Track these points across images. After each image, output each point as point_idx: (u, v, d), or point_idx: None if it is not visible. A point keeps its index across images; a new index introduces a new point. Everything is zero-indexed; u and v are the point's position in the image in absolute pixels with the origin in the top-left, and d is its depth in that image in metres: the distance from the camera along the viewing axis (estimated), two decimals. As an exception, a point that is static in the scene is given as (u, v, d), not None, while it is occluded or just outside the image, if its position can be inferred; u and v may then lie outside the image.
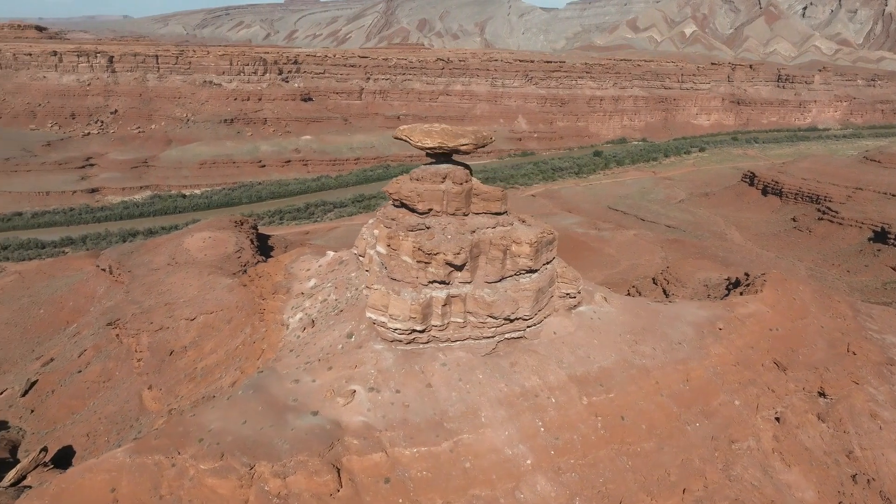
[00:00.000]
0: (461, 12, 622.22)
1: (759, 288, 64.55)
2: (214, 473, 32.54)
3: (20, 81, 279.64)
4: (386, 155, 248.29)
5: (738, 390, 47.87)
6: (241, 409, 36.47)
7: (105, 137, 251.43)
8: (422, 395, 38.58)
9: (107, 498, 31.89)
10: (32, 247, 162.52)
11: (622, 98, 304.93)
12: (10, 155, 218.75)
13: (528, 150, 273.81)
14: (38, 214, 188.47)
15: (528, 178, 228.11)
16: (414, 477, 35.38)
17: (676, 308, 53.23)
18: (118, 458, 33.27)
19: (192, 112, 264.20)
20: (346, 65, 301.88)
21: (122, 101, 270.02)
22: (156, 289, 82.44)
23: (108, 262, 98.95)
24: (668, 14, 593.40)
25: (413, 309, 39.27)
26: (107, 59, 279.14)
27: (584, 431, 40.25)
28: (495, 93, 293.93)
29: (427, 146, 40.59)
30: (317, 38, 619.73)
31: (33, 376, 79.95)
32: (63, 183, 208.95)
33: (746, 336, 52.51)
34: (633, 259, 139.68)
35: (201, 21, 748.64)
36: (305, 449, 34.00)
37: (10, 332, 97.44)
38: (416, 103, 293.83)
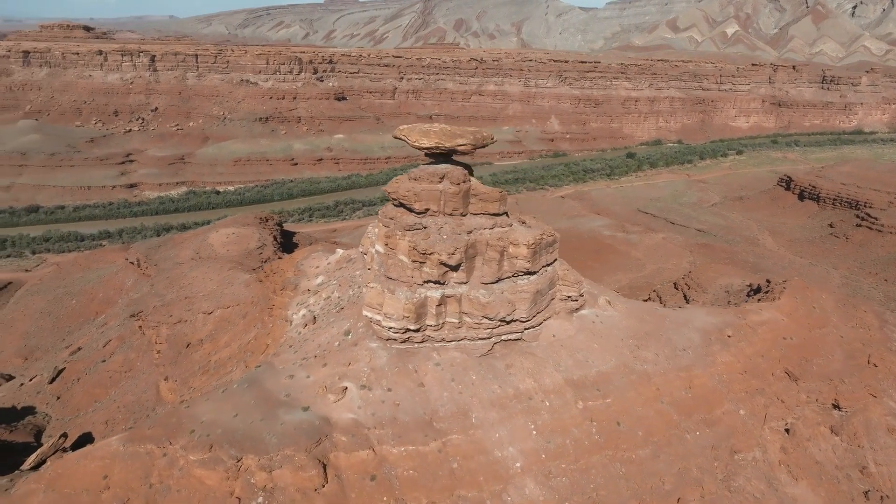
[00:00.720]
0: (498, 12, 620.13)
1: (777, 295, 62.91)
2: (202, 464, 33.27)
3: (67, 80, 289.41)
4: (417, 154, 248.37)
5: (745, 400, 46.73)
6: (235, 402, 37.19)
7: (145, 134, 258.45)
8: (413, 395, 38.73)
9: (99, 484, 32.89)
10: (72, 239, 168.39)
11: (658, 99, 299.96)
12: (56, 150, 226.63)
13: (560, 151, 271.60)
14: (79, 208, 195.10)
15: (558, 179, 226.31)
16: (400, 475, 35.55)
17: (685, 314, 52.20)
18: (112, 447, 34.28)
19: (228, 110, 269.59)
20: (380, 64, 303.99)
21: (163, 99, 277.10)
22: (178, 282, 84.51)
23: (137, 255, 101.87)
24: (709, 14, 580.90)
25: (407, 308, 39.44)
26: (149, 59, 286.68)
27: (578, 436, 39.83)
28: (528, 93, 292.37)
29: (424, 146, 40.73)
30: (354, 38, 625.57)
31: (61, 364, 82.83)
32: (104, 178, 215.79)
33: (757, 344, 51.20)
34: (660, 263, 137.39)
35: (243, 21, 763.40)
36: (292, 444, 34.48)
37: (44, 321, 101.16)
38: (448, 103, 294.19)
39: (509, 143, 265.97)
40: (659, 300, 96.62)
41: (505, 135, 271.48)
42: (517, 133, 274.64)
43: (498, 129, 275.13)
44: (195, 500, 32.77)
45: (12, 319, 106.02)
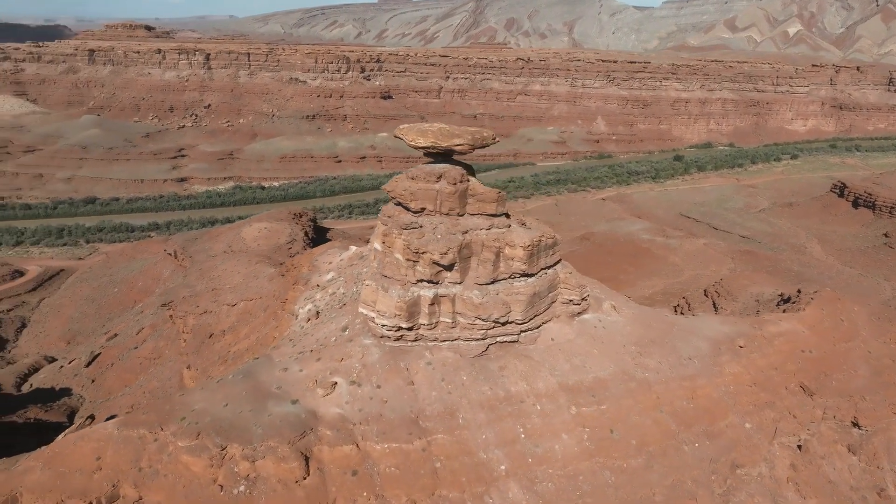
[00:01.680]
0: (550, 11, 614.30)
1: (803, 306, 60.51)
2: (189, 451, 34.34)
3: (128, 77, 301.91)
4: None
5: (752, 413, 45.16)
6: (227, 392, 38.21)
7: (197, 130, 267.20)
8: (401, 392, 38.98)
9: (92, 465, 34.36)
10: (123, 230, 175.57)
11: (709, 101, 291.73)
12: (114, 145, 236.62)
13: (606, 152, 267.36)
14: (132, 200, 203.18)
15: (601, 181, 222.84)
16: (382, 472, 35.86)
17: (695, 322, 50.77)
18: (107, 430, 35.75)
19: (277, 108, 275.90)
20: (427, 63, 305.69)
21: (216, 97, 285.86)
22: (208, 274, 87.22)
23: (174, 247, 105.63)
24: (770, 12, 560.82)
25: (398, 306, 39.70)
26: (204, 57, 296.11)
27: (567, 442, 39.31)
28: (575, 93, 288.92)
29: (420, 145, 40.89)
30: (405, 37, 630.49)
31: (97, 349, 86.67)
32: (156, 172, 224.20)
33: (771, 356, 49.37)
34: (699, 269, 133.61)
35: (298, 20, 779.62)
36: (277, 435, 35.22)
37: (88, 308, 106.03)
38: (493, 102, 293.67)
39: (553, 144, 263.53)
40: (688, 307, 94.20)
41: (549, 135, 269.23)
42: (562, 134, 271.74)
43: (542, 130, 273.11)
44: (180, 486, 33.87)
45: (60, 305, 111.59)
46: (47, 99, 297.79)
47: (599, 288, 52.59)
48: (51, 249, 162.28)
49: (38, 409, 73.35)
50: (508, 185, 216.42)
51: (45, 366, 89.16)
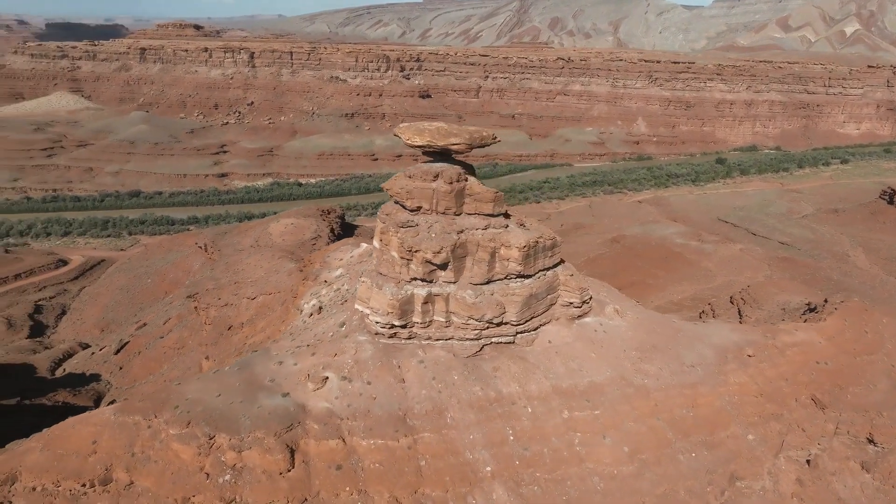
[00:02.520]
0: (595, 11, 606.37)
1: (825, 316, 58.36)
2: (179, 439, 35.30)
3: (176, 75, 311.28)
4: (495, 153, 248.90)
5: (756, 424, 43.80)
6: (222, 383, 39.11)
7: (240, 127, 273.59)
8: (391, 390, 39.19)
9: (88, 448, 35.66)
10: (164, 223, 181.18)
11: (756, 102, 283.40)
12: (160, 140, 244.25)
13: (646, 154, 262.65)
14: (174, 194, 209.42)
15: (638, 183, 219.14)
16: (366, 467, 36.15)
17: (703, 329, 49.47)
18: (105, 415, 37.05)
19: (318, 106, 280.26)
20: (466, 63, 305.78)
21: (259, 94, 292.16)
22: (233, 267, 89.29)
23: (205, 240, 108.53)
24: (826, 11, 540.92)
25: (391, 304, 39.92)
26: (248, 55, 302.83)
27: (557, 446, 38.87)
28: (615, 93, 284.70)
29: (416, 144, 40.96)
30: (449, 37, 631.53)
31: (127, 337, 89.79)
32: (198, 167, 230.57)
33: (782, 367, 47.77)
34: (733, 276, 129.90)
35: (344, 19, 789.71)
36: (264, 427, 35.87)
37: (122, 297, 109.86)
38: (532, 102, 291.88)
39: (591, 145, 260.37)
40: (712, 314, 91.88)
41: (588, 136, 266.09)
42: (601, 135, 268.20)
43: (581, 131, 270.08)
44: (169, 472, 34.86)
45: (97, 293, 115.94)
46: (101, 95, 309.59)
47: (607, 291, 51.82)
48: (95, 240, 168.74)
49: (67, 394, 76.49)
50: (543, 186, 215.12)
51: (79, 352, 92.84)
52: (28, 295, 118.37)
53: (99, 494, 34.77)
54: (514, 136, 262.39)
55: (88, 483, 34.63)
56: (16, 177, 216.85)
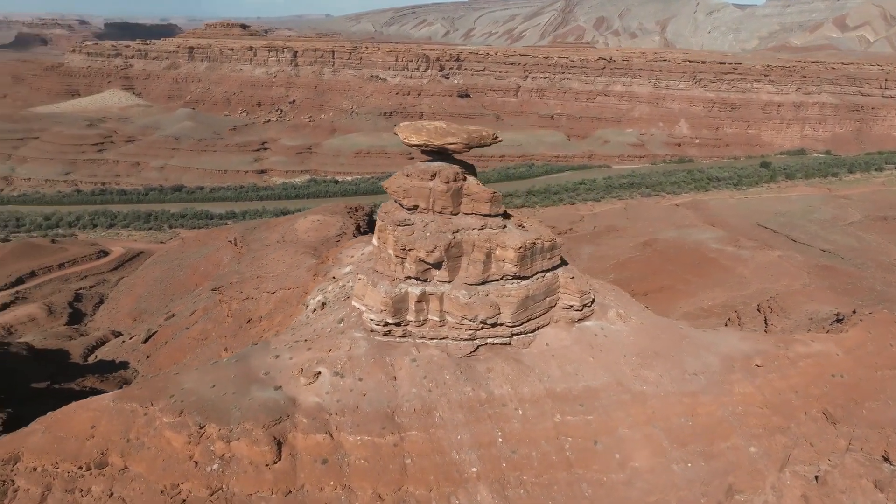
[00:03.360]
0: (642, 10, 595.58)
1: (848, 327, 56.10)
2: (172, 427, 36.30)
3: (222, 73, 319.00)
4: (532, 154, 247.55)
5: (760, 437, 42.42)
6: (218, 374, 40.02)
7: (281, 125, 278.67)
8: (382, 387, 39.42)
9: (87, 432, 36.99)
10: (203, 217, 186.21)
11: (805, 104, 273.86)
12: (204, 136, 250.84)
13: (687, 156, 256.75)
14: (215, 189, 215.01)
15: (677, 186, 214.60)
16: (352, 463, 36.47)
17: (711, 336, 48.11)
18: (104, 401, 38.36)
19: (357, 104, 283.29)
20: (506, 62, 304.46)
21: (300, 93, 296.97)
22: (258, 262, 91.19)
23: (235, 234, 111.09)
24: (887, 10, 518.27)
25: (384, 301, 40.14)
26: (291, 54, 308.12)
27: (546, 449, 38.45)
28: (657, 94, 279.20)
29: (413, 143, 41.04)
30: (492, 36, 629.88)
31: (155, 327, 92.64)
32: (239, 163, 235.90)
33: (793, 378, 46.12)
34: (768, 283, 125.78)
35: (389, 19, 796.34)
36: (253, 418, 36.57)
37: (155, 288, 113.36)
38: (571, 103, 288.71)
39: (631, 147, 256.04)
40: (738, 322, 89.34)
41: (627, 137, 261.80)
42: (641, 136, 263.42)
43: (620, 132, 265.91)
44: (160, 459, 35.88)
45: (133, 284, 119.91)
46: (151, 93, 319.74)
47: (615, 295, 50.97)
48: (137, 233, 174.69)
49: (95, 379, 79.38)
50: (579, 188, 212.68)
51: (111, 340, 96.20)
52: (70, 283, 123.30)
53: (94, 477, 36.04)
54: (551, 137, 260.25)
55: (85, 466, 35.94)
56: (68, 170, 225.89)
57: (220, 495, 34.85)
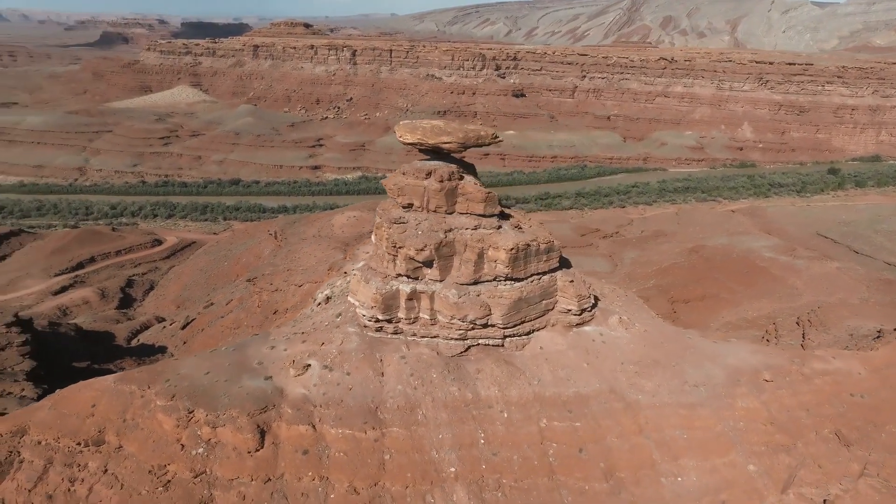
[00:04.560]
0: (713, 9, 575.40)
1: (878, 345, 52.91)
2: (164, 410, 37.82)
3: (284, 71, 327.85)
4: (585, 155, 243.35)
5: (761, 455, 40.54)
6: (214, 362, 41.37)
7: (337, 122, 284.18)
8: (368, 382, 39.82)
9: (88, 411, 38.99)
10: (256, 210, 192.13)
11: (882, 108, 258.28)
12: (262, 132, 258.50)
13: (749, 161, 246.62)
14: (269, 184, 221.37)
15: (736, 191, 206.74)
16: (332, 455, 37.03)
17: (720, 348, 46.18)
18: (107, 382, 40.32)
19: (412, 103, 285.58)
20: (564, 62, 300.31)
21: (358, 91, 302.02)
22: (292, 256, 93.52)
23: (276, 228, 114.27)
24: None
25: (375, 298, 40.49)
26: (351, 53, 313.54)
27: (528, 454, 37.94)
28: (720, 96, 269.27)
29: (408, 141, 41.17)
30: (554, 36, 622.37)
31: (194, 315, 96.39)
32: (294, 159, 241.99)
33: (805, 395, 43.83)
34: (822, 295, 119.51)
35: (452, 18, 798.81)
36: (239, 406, 37.66)
37: (200, 277, 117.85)
38: (629, 104, 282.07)
39: (689, 150, 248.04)
40: (775, 334, 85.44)
41: (686, 140, 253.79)
42: (700, 139, 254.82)
43: (678, 135, 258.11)
44: (151, 440, 37.45)
45: (181, 273, 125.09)
46: (217, 89, 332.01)
47: (623, 301, 49.75)
48: (194, 223, 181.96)
49: (133, 361, 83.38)
50: (631, 191, 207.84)
51: (154, 325, 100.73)
52: (125, 270, 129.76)
53: (92, 454, 37.95)
54: (606, 138, 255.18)
55: (83, 442, 37.90)
56: (135, 162, 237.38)
57: (203, 478, 36.09)
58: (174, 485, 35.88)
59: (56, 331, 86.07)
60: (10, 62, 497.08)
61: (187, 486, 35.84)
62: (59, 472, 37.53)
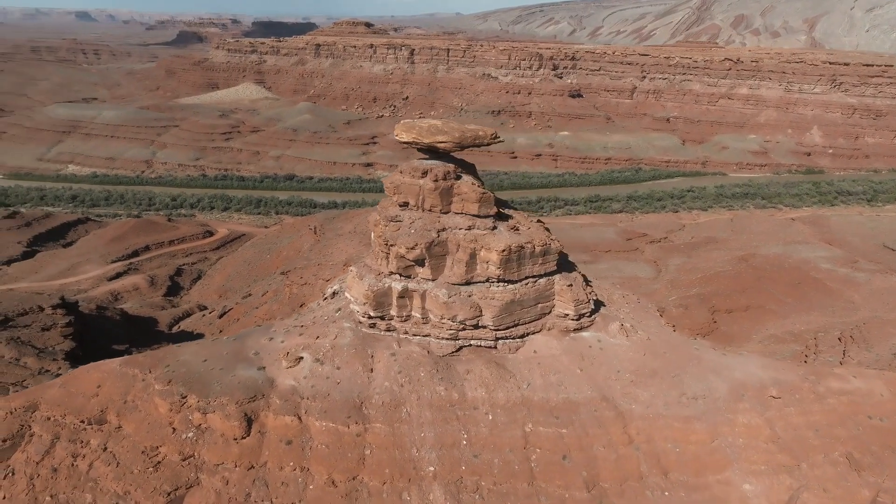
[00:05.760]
0: (789, 6, 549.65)
1: (911, 366, 49.53)
2: (160, 394, 39.42)
3: (344, 69, 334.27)
4: (640, 157, 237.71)
5: (760, 474, 38.71)
6: (213, 350, 42.78)
7: (392, 120, 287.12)
8: (356, 377, 40.27)
9: (93, 391, 41.05)
10: (307, 205, 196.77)
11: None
12: (319, 129, 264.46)
13: (816, 167, 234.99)
14: (322, 180, 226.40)
15: (799, 199, 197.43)
16: (314, 447, 37.68)
17: (727, 360, 44.22)
18: (112, 365, 42.32)
19: (467, 102, 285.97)
20: (623, 62, 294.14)
21: (414, 89, 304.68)
22: (326, 250, 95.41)
23: (315, 223, 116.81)
24: None
25: (366, 295, 40.89)
26: (409, 52, 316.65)
27: (509, 458, 37.51)
28: (788, 99, 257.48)
29: (403, 140, 41.29)
30: (619, 35, 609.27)
31: (231, 305, 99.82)
32: (348, 156, 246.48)
33: (815, 415, 41.55)
34: (881, 311, 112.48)
35: (516, 17, 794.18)
36: (229, 394, 38.82)
37: (243, 269, 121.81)
38: (690, 105, 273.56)
39: (752, 154, 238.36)
40: (815, 350, 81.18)
41: (749, 144, 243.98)
42: (764, 143, 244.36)
43: (741, 138, 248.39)
44: (146, 422, 39.11)
45: (227, 263, 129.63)
46: (279, 87, 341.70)
47: (632, 308, 48.47)
48: (247, 216, 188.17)
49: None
50: (685, 195, 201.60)
51: (196, 313, 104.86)
52: (176, 259, 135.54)
53: (94, 432, 39.95)
54: (663, 141, 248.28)
55: (87, 420, 39.94)
56: (198, 156, 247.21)
57: (190, 462, 37.43)
58: (164, 466, 37.36)
59: (102, 314, 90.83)
60: (95, 60, 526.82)
61: (175, 468, 37.26)
62: (65, 447, 39.66)
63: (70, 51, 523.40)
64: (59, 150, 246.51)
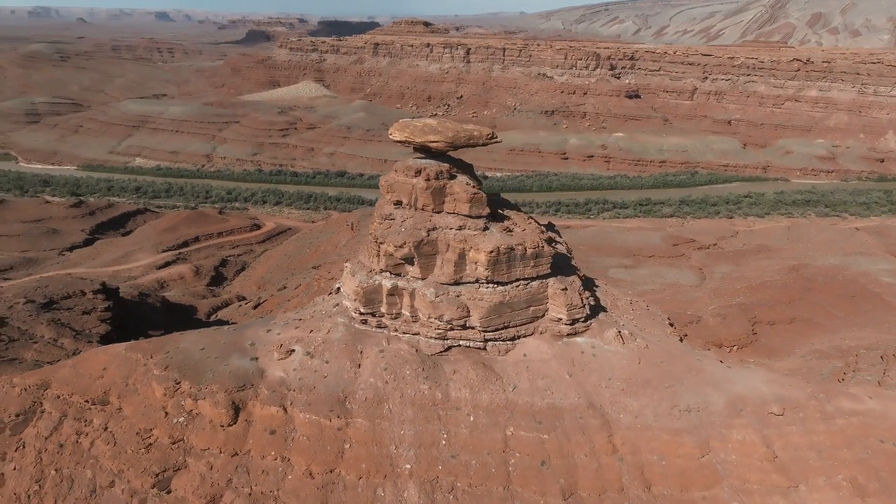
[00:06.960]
0: (872, 4, 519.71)
1: (941, 389, 46.26)
2: (157, 378, 41.09)
3: (401, 68, 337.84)
4: (696, 161, 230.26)
5: (752, 493, 36.99)
6: (212, 339, 44.21)
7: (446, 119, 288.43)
8: (343, 372, 40.79)
9: (98, 373, 43.16)
10: (355, 202, 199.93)
11: None
12: (372, 127, 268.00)
13: (890, 174, 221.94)
14: (372, 177, 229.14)
15: (866, 207, 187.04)
16: (296, 438, 38.44)
17: (731, 373, 42.31)
18: (119, 349, 44.37)
19: (521, 101, 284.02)
20: (684, 62, 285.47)
21: (468, 88, 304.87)
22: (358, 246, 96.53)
23: (352, 219, 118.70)
24: None
25: (356, 291, 41.31)
26: (464, 51, 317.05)
27: (487, 460, 37.19)
28: (861, 102, 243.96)
29: (396, 139, 41.44)
30: (686, 35, 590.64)
31: (266, 296, 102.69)
32: (399, 154, 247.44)
33: (819, 435, 39.37)
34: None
35: (580, 17, 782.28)
36: (220, 382, 40.06)
37: (283, 262, 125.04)
38: (754, 108, 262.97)
39: (818, 160, 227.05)
40: (854, 368, 76.64)
41: (815, 149, 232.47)
42: (833, 148, 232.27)
43: (807, 143, 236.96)
44: (143, 405, 40.84)
45: (269, 256, 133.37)
46: (337, 85, 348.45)
47: (635, 314, 47.20)
48: (297, 211, 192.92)
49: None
50: (742, 201, 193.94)
51: (234, 303, 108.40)
52: (223, 250, 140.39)
53: (97, 412, 42.00)
54: (722, 144, 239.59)
55: (90, 400, 42.05)
56: (255, 152, 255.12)
57: (179, 446, 38.86)
58: (155, 448, 38.94)
59: (144, 301, 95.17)
60: (169, 58, 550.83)
61: (165, 451, 38.76)
62: (71, 424, 41.88)
63: (147, 49, 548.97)
64: (129, 143, 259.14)
